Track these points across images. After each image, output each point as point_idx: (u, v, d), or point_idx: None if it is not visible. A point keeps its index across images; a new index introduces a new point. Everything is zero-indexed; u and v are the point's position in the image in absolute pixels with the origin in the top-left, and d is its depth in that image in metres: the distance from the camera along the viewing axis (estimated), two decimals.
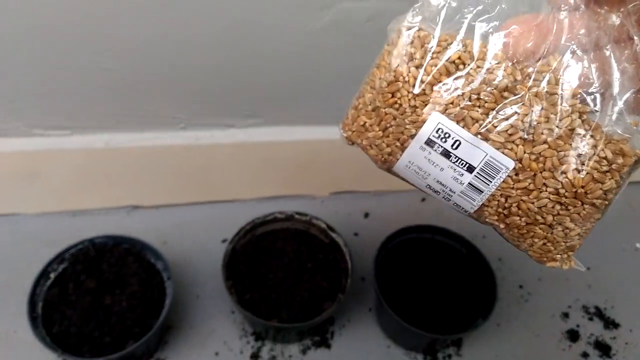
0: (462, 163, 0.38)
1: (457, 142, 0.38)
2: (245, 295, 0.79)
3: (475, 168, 0.38)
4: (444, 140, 0.38)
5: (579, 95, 0.37)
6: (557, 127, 0.37)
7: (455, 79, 0.37)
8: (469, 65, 0.37)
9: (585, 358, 0.85)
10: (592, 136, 0.37)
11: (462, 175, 0.38)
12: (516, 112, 0.37)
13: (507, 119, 0.37)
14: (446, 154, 0.38)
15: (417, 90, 0.38)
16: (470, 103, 0.37)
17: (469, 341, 0.85)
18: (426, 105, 0.38)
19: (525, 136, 0.37)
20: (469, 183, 0.39)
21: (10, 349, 0.80)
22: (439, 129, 0.38)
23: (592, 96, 0.37)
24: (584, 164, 0.37)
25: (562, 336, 0.87)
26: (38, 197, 0.95)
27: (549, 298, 0.92)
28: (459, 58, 0.37)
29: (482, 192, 0.39)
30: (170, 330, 0.84)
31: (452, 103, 0.37)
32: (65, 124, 0.86)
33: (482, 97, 0.37)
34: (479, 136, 0.37)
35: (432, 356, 0.84)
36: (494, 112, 0.37)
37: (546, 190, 0.38)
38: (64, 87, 0.80)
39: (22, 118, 0.84)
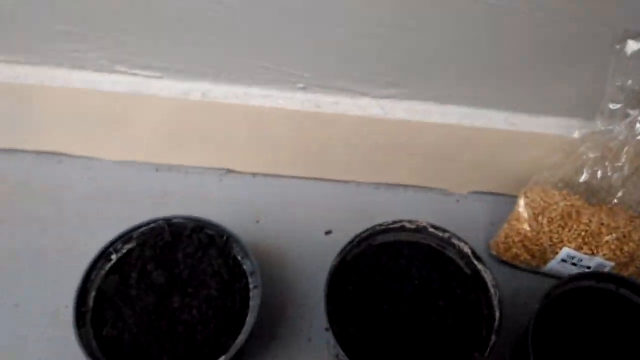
0: None
1: None
2: (350, 328, 0.59)
3: None
4: None
5: None
6: None
7: None
8: None
9: None
10: None
11: None
12: None
13: None
14: None
15: None
16: None
17: None
18: None
19: None
20: None
21: (55, 328, 0.66)
22: None
23: None
24: None
25: None
26: (118, 144, 0.79)
27: None
28: None
29: None
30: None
31: None
32: (155, 64, 0.67)
33: None
34: None
35: None
36: None
37: None
38: (155, 17, 0.61)
39: (104, 49, 0.66)
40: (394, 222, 0.65)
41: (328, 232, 0.77)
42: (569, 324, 0.61)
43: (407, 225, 0.65)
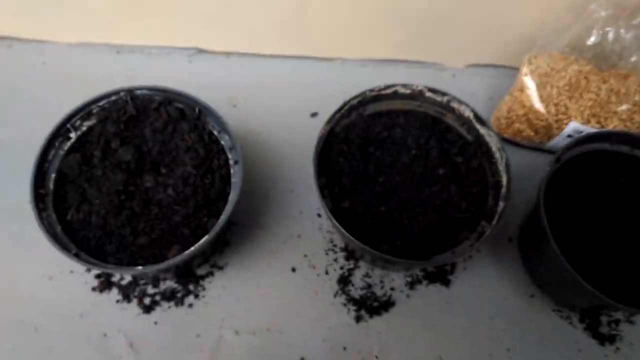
0: None
1: None
2: (343, 202, 0.54)
3: None
4: None
5: None
6: None
7: None
8: None
9: None
10: None
11: None
12: None
13: None
14: None
15: None
16: None
17: None
18: None
19: None
20: None
21: (18, 223, 0.60)
22: None
23: None
24: None
25: None
26: (72, 24, 0.69)
27: None
28: None
29: None
30: (233, 227, 0.61)
31: None
32: None
33: None
34: None
35: (592, 320, 0.59)
36: None
37: None
38: None
39: None
40: (387, 87, 0.58)
41: (313, 114, 0.70)
42: (581, 189, 0.55)
43: (401, 90, 0.58)
